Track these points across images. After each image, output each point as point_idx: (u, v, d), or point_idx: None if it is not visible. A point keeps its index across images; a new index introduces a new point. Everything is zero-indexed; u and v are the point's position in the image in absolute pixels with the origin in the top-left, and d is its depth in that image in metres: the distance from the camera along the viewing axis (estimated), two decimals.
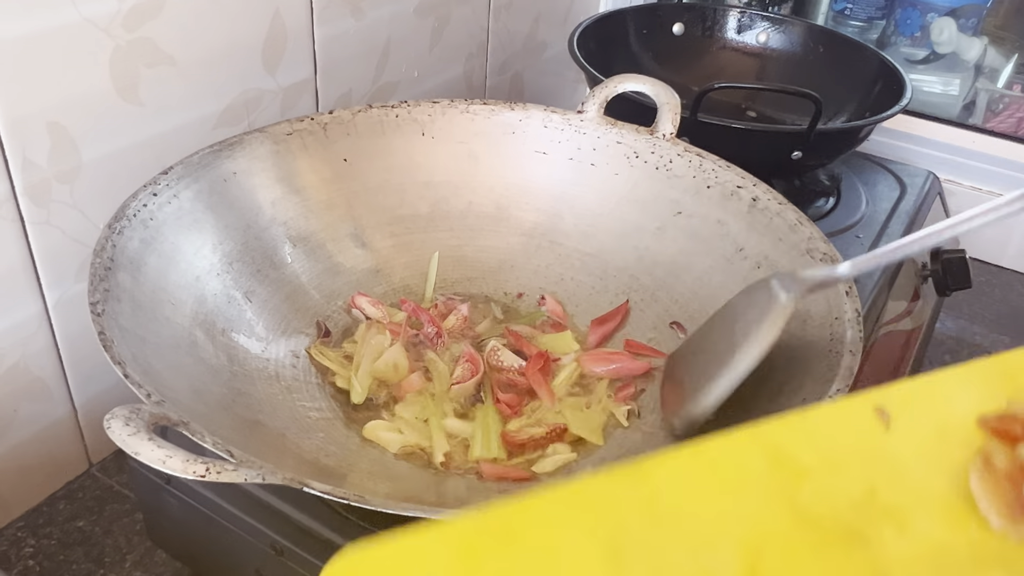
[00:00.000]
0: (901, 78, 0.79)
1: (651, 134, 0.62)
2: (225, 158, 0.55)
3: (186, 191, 0.52)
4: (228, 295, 0.53)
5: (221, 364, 0.49)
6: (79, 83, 0.53)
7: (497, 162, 0.64)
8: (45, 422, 0.60)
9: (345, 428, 0.51)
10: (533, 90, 1.02)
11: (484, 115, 0.63)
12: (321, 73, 0.70)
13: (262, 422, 0.47)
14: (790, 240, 0.54)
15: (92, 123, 0.54)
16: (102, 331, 0.41)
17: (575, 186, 0.63)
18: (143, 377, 0.40)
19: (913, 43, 1.14)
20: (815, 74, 0.88)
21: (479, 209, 0.64)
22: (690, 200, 0.60)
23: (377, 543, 0.23)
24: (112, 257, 0.46)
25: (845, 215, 0.79)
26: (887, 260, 0.46)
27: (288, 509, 0.47)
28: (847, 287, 0.49)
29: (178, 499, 0.50)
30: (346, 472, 0.47)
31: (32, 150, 0.52)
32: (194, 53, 0.59)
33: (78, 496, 0.63)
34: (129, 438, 0.33)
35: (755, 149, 0.72)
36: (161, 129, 0.59)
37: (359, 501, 0.36)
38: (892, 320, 0.75)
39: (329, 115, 0.60)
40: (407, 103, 0.62)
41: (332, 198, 0.60)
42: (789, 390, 0.47)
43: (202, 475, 0.33)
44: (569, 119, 0.63)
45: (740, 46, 0.94)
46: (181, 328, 0.48)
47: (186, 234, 0.52)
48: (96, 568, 0.58)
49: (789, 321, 0.51)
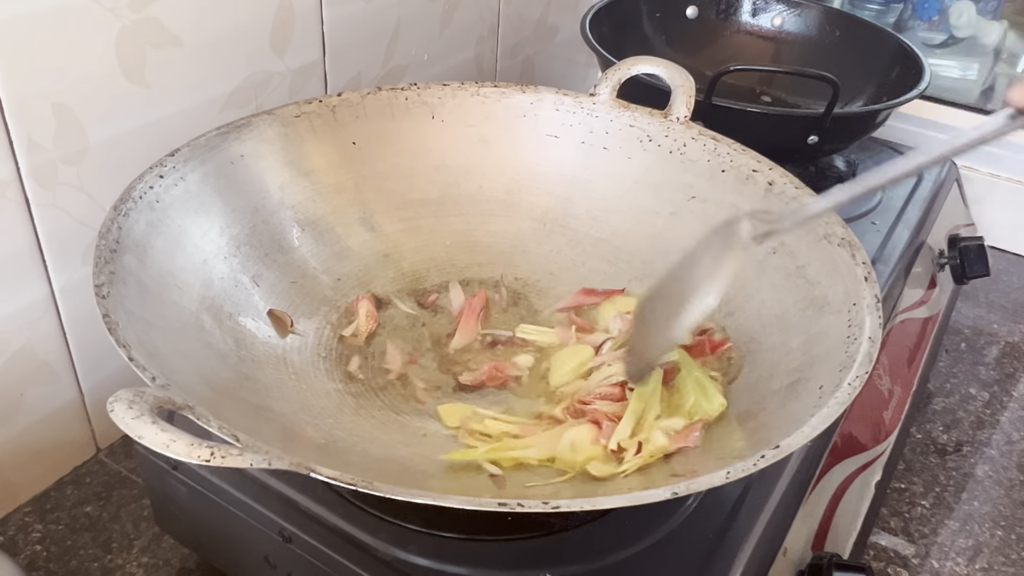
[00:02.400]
0: (919, 62, 0.78)
1: (665, 117, 0.61)
2: (233, 140, 0.55)
3: (193, 173, 0.52)
4: (235, 279, 0.52)
5: (228, 348, 0.49)
6: (85, 64, 0.52)
7: (508, 146, 0.63)
8: (52, 407, 0.60)
9: (354, 414, 0.50)
10: (544, 74, 1.01)
11: (495, 98, 0.62)
12: (330, 55, 0.70)
13: (269, 407, 0.47)
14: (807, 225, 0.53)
15: (98, 104, 0.54)
16: (107, 314, 0.40)
17: (587, 170, 0.62)
18: (148, 360, 0.39)
19: (931, 27, 1.12)
20: (831, 58, 0.87)
21: (490, 193, 0.63)
22: (704, 184, 0.59)
23: None
24: (118, 239, 0.46)
25: (861, 201, 0.78)
26: (862, 189, 0.43)
27: (296, 495, 0.47)
28: (866, 273, 0.48)
29: (186, 485, 0.50)
30: (355, 458, 0.46)
31: (37, 132, 0.51)
32: (201, 34, 0.58)
33: (85, 481, 0.63)
34: (132, 421, 0.33)
35: (770, 133, 0.71)
36: (168, 111, 0.58)
37: (367, 487, 0.35)
38: (908, 308, 0.74)
39: (338, 97, 0.59)
40: (417, 85, 0.62)
41: (341, 182, 0.59)
42: (805, 378, 0.46)
43: (207, 459, 0.32)
44: (581, 102, 0.62)
45: (755, 29, 0.93)
46: (188, 312, 0.48)
47: (193, 217, 0.51)
48: (103, 554, 0.58)
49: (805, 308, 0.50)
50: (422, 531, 0.46)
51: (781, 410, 0.45)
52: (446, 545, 0.45)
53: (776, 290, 0.53)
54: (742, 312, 0.54)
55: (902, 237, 0.74)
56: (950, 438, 0.75)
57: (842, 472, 0.58)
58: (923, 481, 0.70)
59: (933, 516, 0.67)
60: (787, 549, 0.49)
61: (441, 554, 0.45)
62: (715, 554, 0.46)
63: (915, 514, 0.67)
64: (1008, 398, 0.79)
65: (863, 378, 0.42)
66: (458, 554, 0.45)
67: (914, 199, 0.80)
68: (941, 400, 0.79)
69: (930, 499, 0.68)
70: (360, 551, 0.45)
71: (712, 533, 0.47)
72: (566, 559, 0.45)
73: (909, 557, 0.63)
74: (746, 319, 0.53)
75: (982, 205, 0.98)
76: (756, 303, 0.53)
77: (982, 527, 0.66)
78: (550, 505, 0.35)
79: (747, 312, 0.54)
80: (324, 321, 0.56)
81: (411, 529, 0.46)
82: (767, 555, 0.48)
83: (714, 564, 0.46)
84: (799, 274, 0.52)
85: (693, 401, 0.48)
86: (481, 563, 0.45)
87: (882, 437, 0.65)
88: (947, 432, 0.75)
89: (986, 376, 0.82)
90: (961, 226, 0.89)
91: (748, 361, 0.51)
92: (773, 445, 0.38)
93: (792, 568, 0.50)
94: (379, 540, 0.45)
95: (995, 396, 0.80)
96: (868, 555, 0.63)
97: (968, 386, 0.81)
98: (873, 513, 0.63)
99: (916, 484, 0.70)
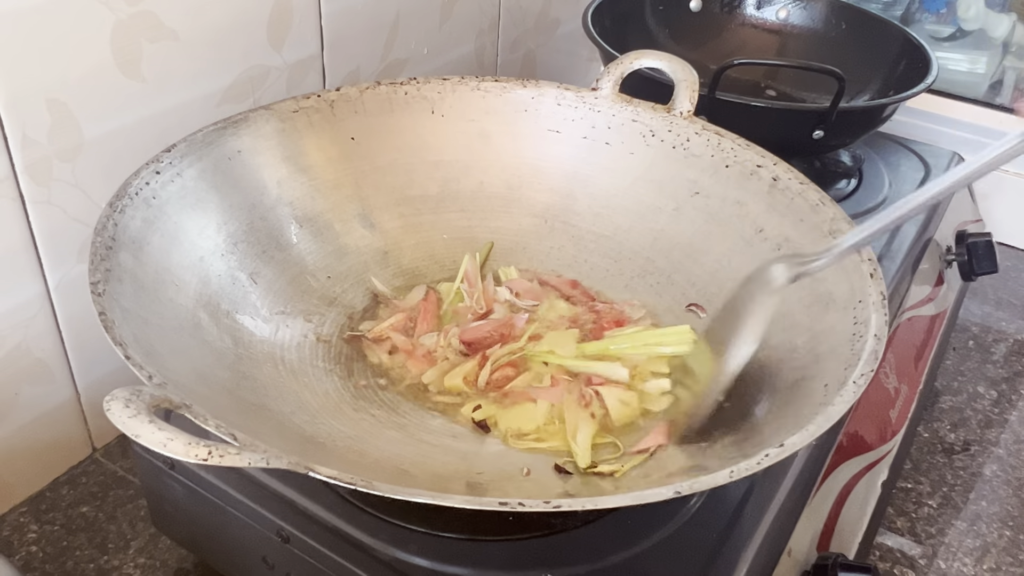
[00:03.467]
0: (926, 56, 0.78)
1: (668, 112, 0.61)
2: (230, 136, 0.54)
3: (190, 169, 0.52)
4: (233, 276, 0.52)
5: (225, 347, 0.49)
6: (80, 58, 0.52)
7: (509, 141, 0.63)
8: (47, 405, 0.60)
9: (353, 412, 0.50)
10: (546, 68, 1.01)
11: (496, 92, 0.62)
12: (328, 49, 0.70)
13: (267, 406, 0.47)
14: (812, 221, 0.53)
15: (93, 100, 0.54)
16: (103, 312, 0.40)
17: (589, 166, 0.62)
18: (145, 359, 0.39)
19: (939, 19, 1.12)
20: (837, 52, 0.87)
21: (490, 189, 0.63)
22: (708, 180, 0.59)
23: None
24: (114, 236, 0.46)
25: (867, 197, 0.78)
26: (893, 220, 0.46)
27: (294, 495, 0.47)
28: (871, 269, 0.48)
29: (183, 485, 0.50)
30: (354, 457, 0.46)
31: (32, 127, 0.51)
32: (198, 28, 0.58)
33: (81, 481, 0.63)
34: (129, 420, 0.33)
35: (775, 128, 0.70)
36: (164, 106, 0.58)
37: (366, 487, 0.35)
38: (915, 305, 0.74)
39: (336, 92, 0.59)
40: (416, 80, 0.62)
41: (339, 177, 0.59)
42: (810, 376, 0.46)
43: (204, 459, 0.32)
44: (583, 97, 0.62)
45: (759, 23, 0.93)
46: (184, 309, 0.48)
47: (189, 213, 0.51)
48: (99, 554, 0.58)
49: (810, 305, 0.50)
50: (422, 531, 0.46)
51: (785, 408, 0.45)
52: (446, 545, 0.45)
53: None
54: None
55: (909, 233, 0.74)
56: (957, 437, 0.75)
57: (848, 471, 0.58)
58: (930, 481, 0.70)
59: (940, 516, 0.67)
60: (792, 549, 0.49)
61: (441, 554, 0.45)
62: (718, 554, 0.46)
63: (922, 514, 0.67)
64: (1017, 396, 0.79)
65: (868, 376, 0.42)
66: (459, 554, 0.45)
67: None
68: (948, 399, 0.79)
69: (937, 499, 0.68)
70: (359, 551, 0.45)
71: (715, 533, 0.47)
72: (568, 559, 0.45)
73: (916, 558, 0.63)
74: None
75: (990, 200, 0.98)
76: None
77: (990, 527, 0.66)
78: (552, 504, 0.35)
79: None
80: (323, 319, 0.56)
81: (411, 529, 0.46)
82: (771, 555, 0.48)
83: (717, 564, 0.46)
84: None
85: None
86: (482, 563, 0.45)
87: (888, 436, 0.65)
88: (954, 431, 0.75)
89: (994, 374, 0.82)
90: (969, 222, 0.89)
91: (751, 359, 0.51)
92: (777, 444, 0.38)
93: (797, 569, 0.50)
94: (378, 540, 0.45)
95: (1003, 394, 0.80)
96: (874, 556, 0.63)
97: (976, 384, 0.81)
98: (879, 513, 0.63)
99: (923, 484, 0.70)
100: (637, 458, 0.47)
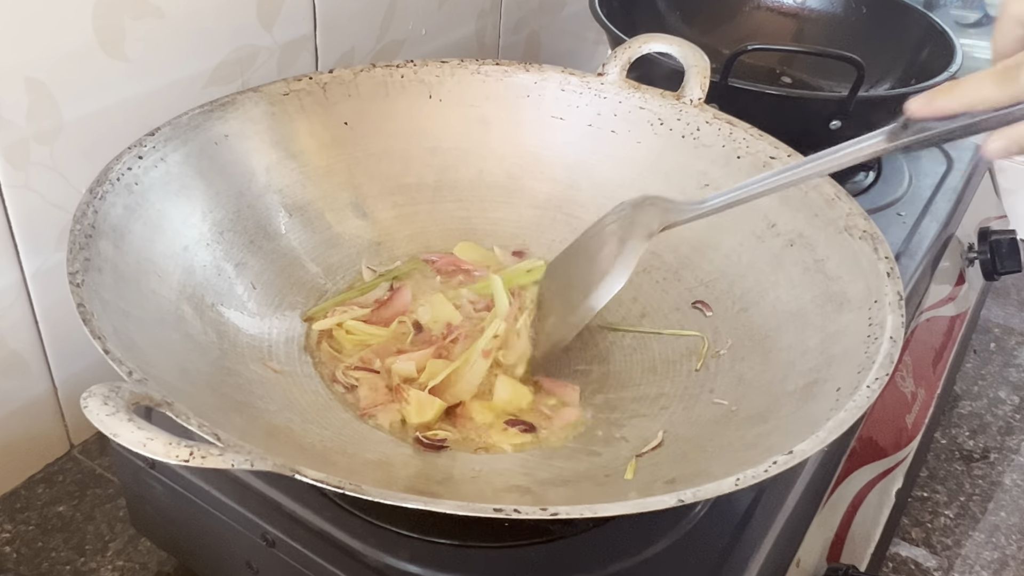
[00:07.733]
0: (951, 42, 0.78)
1: (677, 99, 0.61)
2: (216, 119, 0.55)
3: (174, 154, 0.52)
4: (218, 267, 0.53)
5: (210, 341, 0.49)
6: (59, 36, 0.52)
7: (510, 128, 0.63)
8: (23, 400, 0.60)
9: (342, 411, 0.50)
10: (550, 51, 1.01)
11: (496, 77, 0.62)
12: (321, 29, 0.70)
13: (253, 404, 0.47)
14: (827, 216, 0.53)
15: (74, 79, 0.54)
16: (81, 303, 0.41)
17: (594, 155, 0.62)
18: (125, 353, 0.39)
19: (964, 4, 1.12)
20: (857, 37, 0.87)
21: (490, 178, 0.63)
22: (719, 171, 0.59)
23: None
24: (93, 224, 0.46)
25: (886, 191, 0.78)
26: (746, 195, 0.48)
27: (280, 497, 0.47)
28: (888, 268, 0.48)
29: (163, 485, 0.50)
30: (342, 459, 0.46)
31: (9, 108, 0.51)
32: (184, 5, 0.58)
33: (58, 479, 0.63)
34: (107, 418, 0.33)
35: (790, 117, 0.70)
36: (148, 87, 0.58)
37: (355, 490, 0.35)
38: (934, 305, 0.74)
39: (329, 74, 0.59)
40: (413, 63, 0.62)
41: (331, 164, 0.59)
42: (822, 379, 0.46)
43: (185, 460, 0.33)
44: (588, 82, 0.62)
45: (775, 6, 0.93)
46: (167, 301, 0.48)
47: (173, 200, 0.51)
48: (76, 556, 0.58)
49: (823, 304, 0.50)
50: (413, 536, 0.46)
51: (796, 413, 0.45)
52: (439, 552, 0.45)
53: (793, 285, 0.53)
54: (756, 308, 0.54)
55: (929, 230, 0.74)
56: (976, 444, 0.75)
57: (860, 479, 0.59)
58: (947, 489, 0.70)
59: (957, 527, 0.67)
60: (801, 560, 0.50)
61: (434, 561, 0.45)
62: (724, 566, 0.46)
63: (938, 524, 0.67)
64: None
65: (883, 380, 0.42)
66: (452, 561, 0.45)
67: (943, 189, 0.80)
68: (968, 404, 0.79)
69: (954, 509, 0.69)
70: (348, 557, 0.45)
71: (721, 543, 0.47)
72: (565, 568, 0.45)
73: (931, 570, 0.64)
74: (760, 315, 0.53)
75: (1015, 196, 0.98)
76: (772, 299, 0.53)
77: (1009, 539, 0.67)
78: (548, 512, 0.36)
79: (762, 308, 0.54)
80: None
81: (402, 534, 0.46)
82: (780, 566, 0.48)
83: (723, 575, 0.46)
84: (818, 268, 0.52)
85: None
86: (476, 571, 0.45)
87: (904, 442, 0.65)
88: (973, 438, 0.75)
89: (1016, 379, 0.82)
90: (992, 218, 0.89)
91: (761, 360, 0.51)
92: (786, 450, 0.39)
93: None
94: (368, 545, 0.45)
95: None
96: (887, 567, 0.63)
97: (997, 389, 0.81)
98: (893, 523, 0.63)
99: (940, 493, 0.70)
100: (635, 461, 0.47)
